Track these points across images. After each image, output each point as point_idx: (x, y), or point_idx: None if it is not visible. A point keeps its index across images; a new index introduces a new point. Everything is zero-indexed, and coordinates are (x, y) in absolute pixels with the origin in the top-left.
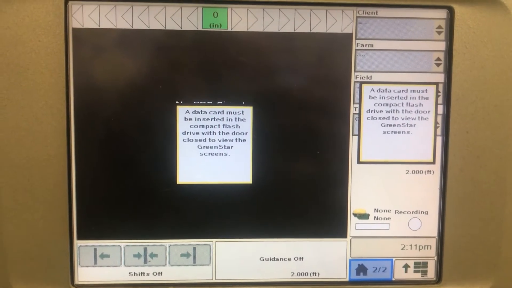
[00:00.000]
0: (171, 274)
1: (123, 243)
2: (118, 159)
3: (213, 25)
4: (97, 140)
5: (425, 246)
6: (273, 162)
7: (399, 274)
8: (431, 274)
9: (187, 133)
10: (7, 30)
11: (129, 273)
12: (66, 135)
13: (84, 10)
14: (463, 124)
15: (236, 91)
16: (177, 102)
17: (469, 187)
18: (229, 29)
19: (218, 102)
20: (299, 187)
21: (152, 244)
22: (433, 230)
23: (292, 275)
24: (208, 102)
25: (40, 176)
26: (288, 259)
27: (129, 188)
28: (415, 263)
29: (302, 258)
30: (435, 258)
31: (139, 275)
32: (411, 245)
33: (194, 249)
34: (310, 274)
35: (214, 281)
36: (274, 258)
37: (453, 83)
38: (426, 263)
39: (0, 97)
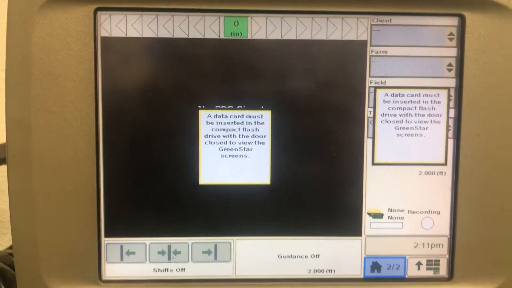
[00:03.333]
0: (193, 270)
1: (148, 240)
2: (144, 161)
3: (234, 34)
4: (124, 143)
5: (437, 244)
6: (290, 164)
7: (412, 271)
8: (443, 271)
9: (209, 136)
10: (40, 39)
11: (154, 269)
12: (95, 138)
13: (112, 19)
14: (474, 127)
15: (255, 96)
16: (199, 106)
17: (480, 187)
18: (249, 37)
19: (238, 107)
20: (315, 188)
21: (175, 241)
22: (445, 229)
23: (309, 272)
24: (229, 107)
25: (70, 177)
26: (305, 257)
27: (154, 188)
28: (427, 261)
29: (319, 255)
30: (447, 256)
31: (163, 271)
32: (423, 244)
33: (215, 246)
34: (326, 271)
35: (234, 277)
36: (291, 255)
37: (464, 87)
38: (438, 261)
39: (33, 103)
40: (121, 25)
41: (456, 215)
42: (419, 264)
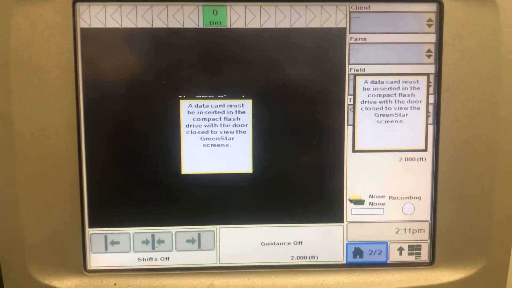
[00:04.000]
0: (177, 259)
1: (132, 230)
2: (126, 152)
3: (213, 23)
4: (106, 134)
5: (418, 230)
6: (272, 152)
7: (394, 256)
8: (424, 256)
9: (190, 125)
10: (19, 31)
11: (138, 259)
12: (77, 130)
13: (91, 10)
14: (454, 112)
15: (236, 85)
16: (180, 96)
17: (460, 172)
18: (228, 26)
19: (219, 96)
20: (297, 175)
21: (159, 231)
22: (426, 215)
23: (292, 259)
24: (209, 96)
25: (53, 169)
26: (288, 244)
27: (136, 178)
28: (409, 246)
29: (301, 242)
30: (428, 241)
31: (147, 260)
32: (405, 229)
33: (199, 235)
34: (309, 258)
35: (218, 265)
36: (274, 242)
37: (443, 73)
38: (420, 246)
39: (13, 95)
40: (100, 16)
41: (437, 200)
42: (400, 249)
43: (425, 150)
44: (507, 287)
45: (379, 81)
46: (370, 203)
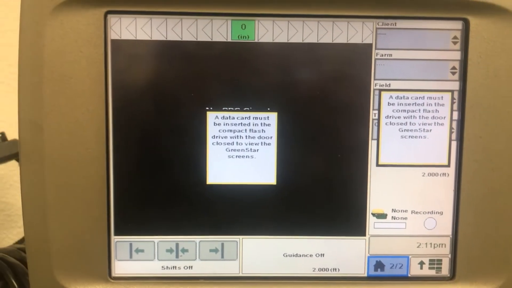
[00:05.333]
0: (200, 268)
1: (156, 238)
2: (153, 161)
3: (241, 37)
4: (133, 143)
5: (439, 244)
6: (296, 164)
7: (414, 270)
8: (445, 271)
9: (216, 137)
10: (52, 42)
11: (162, 267)
12: (105, 139)
13: (122, 22)
14: (477, 129)
15: (262, 98)
16: (207, 108)
17: (482, 189)
18: (256, 40)
19: (245, 108)
20: (320, 188)
21: (183, 240)
22: (448, 229)
23: (313, 271)
24: (236, 109)
25: (81, 176)
26: (310, 256)
27: (162, 188)
28: (430, 260)
29: (323, 254)
30: (449, 256)
31: (171, 268)
32: (426, 244)
33: (222, 245)
34: (331, 270)
35: (240, 275)
36: (296, 254)
37: (467, 90)
38: (441, 260)
39: (45, 104)
40: (130, 28)
41: (459, 215)
42: (421, 263)
43: (448, 165)
44: None
45: (403, 96)
46: (392, 217)
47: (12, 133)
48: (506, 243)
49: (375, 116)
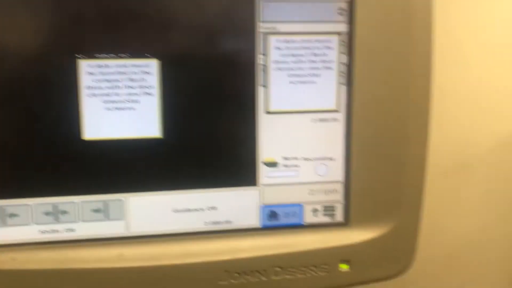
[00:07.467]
0: (84, 230)
1: (31, 201)
2: (22, 117)
3: None
4: None
5: (332, 190)
6: (181, 115)
7: (309, 218)
8: (339, 217)
9: (91, 87)
10: None
11: (40, 231)
12: None
13: None
14: (366, 72)
15: (139, 43)
16: (77, 55)
17: (372, 133)
18: None
19: (120, 55)
20: (208, 139)
21: (62, 201)
22: (339, 175)
23: (205, 225)
24: (110, 55)
25: None
26: (202, 210)
27: (34, 145)
28: (324, 207)
29: (215, 207)
30: (343, 201)
31: (50, 232)
32: (319, 190)
33: (107, 204)
34: (223, 223)
35: (128, 234)
36: (187, 209)
37: (356, 32)
38: (334, 206)
39: None
40: None
41: (350, 161)
42: (315, 210)
43: (338, 111)
44: (417, 246)
45: (291, 40)
46: (284, 165)
47: None
48: (396, 187)
49: (262, 61)
